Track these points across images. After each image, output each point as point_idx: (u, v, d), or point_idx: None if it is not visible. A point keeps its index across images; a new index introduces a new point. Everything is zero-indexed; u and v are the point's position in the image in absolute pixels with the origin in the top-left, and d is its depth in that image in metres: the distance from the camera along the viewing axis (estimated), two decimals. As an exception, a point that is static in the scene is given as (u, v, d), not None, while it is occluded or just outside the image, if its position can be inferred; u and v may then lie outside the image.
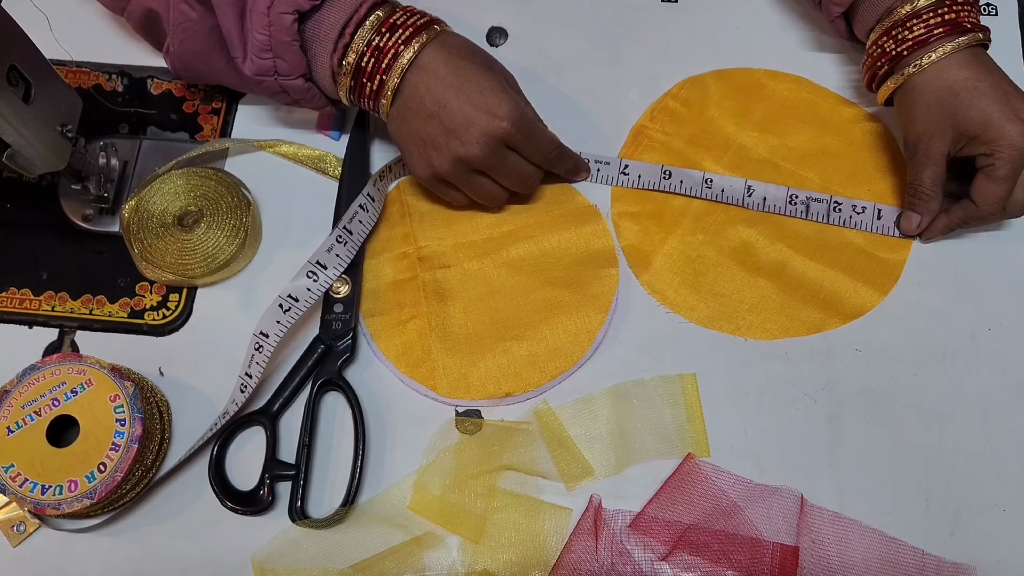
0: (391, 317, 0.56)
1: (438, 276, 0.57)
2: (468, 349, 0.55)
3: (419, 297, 0.56)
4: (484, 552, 0.51)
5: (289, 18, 0.50)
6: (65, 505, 0.48)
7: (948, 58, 0.52)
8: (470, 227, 0.59)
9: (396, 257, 0.58)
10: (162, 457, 0.53)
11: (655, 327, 0.57)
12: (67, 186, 0.58)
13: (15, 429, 0.49)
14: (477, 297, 0.57)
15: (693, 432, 0.53)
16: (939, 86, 0.53)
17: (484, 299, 0.57)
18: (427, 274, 0.57)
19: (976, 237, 0.59)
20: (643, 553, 0.50)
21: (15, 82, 0.48)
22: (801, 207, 0.59)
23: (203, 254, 0.56)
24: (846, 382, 0.55)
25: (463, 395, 0.54)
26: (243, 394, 0.52)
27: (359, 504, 0.52)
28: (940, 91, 0.53)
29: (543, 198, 0.60)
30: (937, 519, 0.52)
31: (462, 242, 0.58)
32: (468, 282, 0.57)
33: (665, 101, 0.63)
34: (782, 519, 0.51)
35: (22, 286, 0.58)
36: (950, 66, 0.52)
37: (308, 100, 0.55)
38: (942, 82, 0.53)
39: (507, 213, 0.59)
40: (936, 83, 0.53)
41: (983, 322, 0.56)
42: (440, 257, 0.58)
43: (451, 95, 0.51)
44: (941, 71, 0.53)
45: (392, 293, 0.57)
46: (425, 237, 0.58)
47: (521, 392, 0.54)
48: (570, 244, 0.58)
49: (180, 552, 0.52)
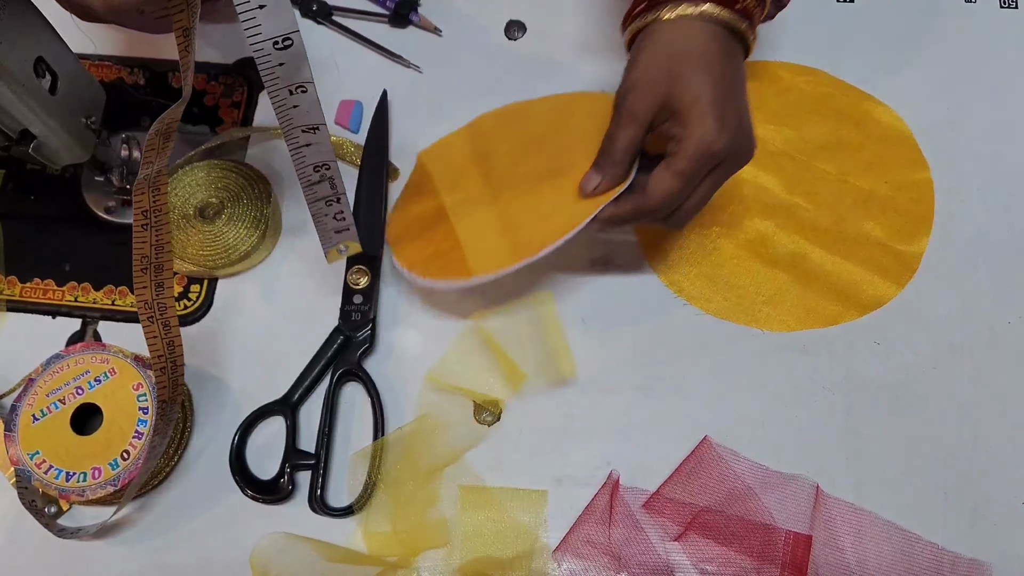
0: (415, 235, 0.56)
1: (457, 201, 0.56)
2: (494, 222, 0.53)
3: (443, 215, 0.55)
4: (467, 554, 0.51)
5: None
6: (89, 492, 0.49)
7: (702, 24, 0.47)
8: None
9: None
10: (184, 445, 0.54)
11: (671, 319, 0.57)
12: (90, 178, 0.59)
13: (40, 417, 0.50)
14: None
15: (553, 344, 0.55)
16: (677, 45, 0.47)
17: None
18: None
19: (994, 231, 0.58)
20: (656, 532, 0.51)
21: (42, 74, 0.48)
22: None
23: (224, 245, 0.57)
24: (864, 375, 0.55)
25: (496, 264, 0.51)
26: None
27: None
28: (675, 49, 0.47)
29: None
30: (956, 513, 0.52)
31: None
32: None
33: None
34: (796, 507, 0.52)
35: (46, 277, 0.58)
36: (700, 33, 0.47)
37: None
38: (681, 43, 0.47)
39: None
40: (676, 40, 0.47)
41: (1003, 315, 0.56)
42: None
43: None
44: (687, 30, 0.47)
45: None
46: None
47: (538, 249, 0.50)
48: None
49: (201, 540, 0.52)
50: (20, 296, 0.58)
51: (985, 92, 0.62)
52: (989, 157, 0.60)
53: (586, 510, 0.52)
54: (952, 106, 0.62)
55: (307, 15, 0.66)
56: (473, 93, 0.63)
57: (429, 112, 0.63)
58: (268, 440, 0.54)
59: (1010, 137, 0.61)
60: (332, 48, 0.65)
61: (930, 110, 0.62)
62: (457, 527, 0.52)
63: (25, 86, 0.46)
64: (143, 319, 0.47)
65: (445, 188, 0.57)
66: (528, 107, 0.59)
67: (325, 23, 0.66)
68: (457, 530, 0.52)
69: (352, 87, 0.63)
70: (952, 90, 0.62)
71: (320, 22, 0.66)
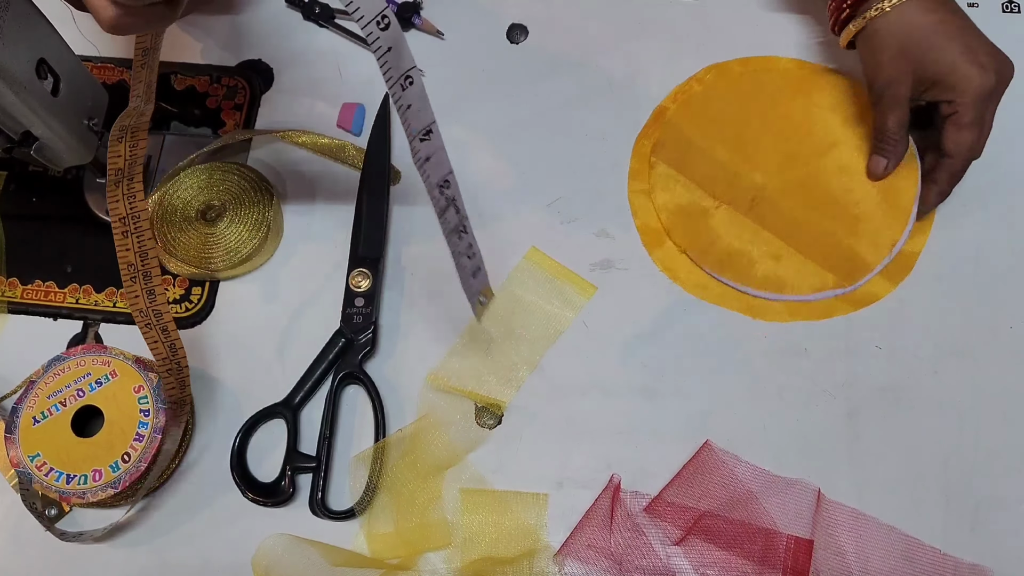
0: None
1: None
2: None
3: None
4: (468, 556, 0.51)
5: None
6: (90, 494, 0.49)
7: (910, 2, 0.52)
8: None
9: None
10: (185, 447, 0.54)
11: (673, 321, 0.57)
12: (92, 180, 0.59)
13: (41, 419, 0.50)
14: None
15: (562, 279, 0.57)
16: (900, 30, 0.53)
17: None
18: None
19: (994, 235, 0.58)
20: (657, 536, 0.51)
21: (44, 75, 0.48)
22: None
23: (225, 248, 0.57)
24: (866, 378, 0.55)
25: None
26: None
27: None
28: (902, 35, 0.53)
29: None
30: (957, 516, 0.52)
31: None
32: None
33: (690, 84, 0.63)
34: (797, 512, 0.51)
35: (47, 279, 0.58)
36: (912, 10, 0.52)
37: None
38: (904, 26, 0.53)
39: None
40: (897, 27, 0.53)
41: (1004, 319, 0.56)
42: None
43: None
44: (903, 14, 0.53)
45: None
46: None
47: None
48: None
49: (202, 542, 0.52)
50: (21, 298, 0.58)
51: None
52: (990, 161, 0.60)
53: (587, 514, 0.52)
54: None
55: (309, 18, 0.66)
56: (476, 97, 0.63)
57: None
58: (269, 442, 0.54)
59: (1011, 140, 0.61)
60: (335, 51, 0.65)
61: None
62: (458, 530, 0.52)
63: (27, 88, 0.46)
64: (141, 326, 0.47)
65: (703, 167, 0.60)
66: (767, 67, 0.64)
67: (327, 26, 0.66)
68: (458, 533, 0.51)
69: (354, 90, 0.64)
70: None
71: (323, 25, 0.66)
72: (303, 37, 0.65)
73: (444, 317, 0.57)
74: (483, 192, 0.60)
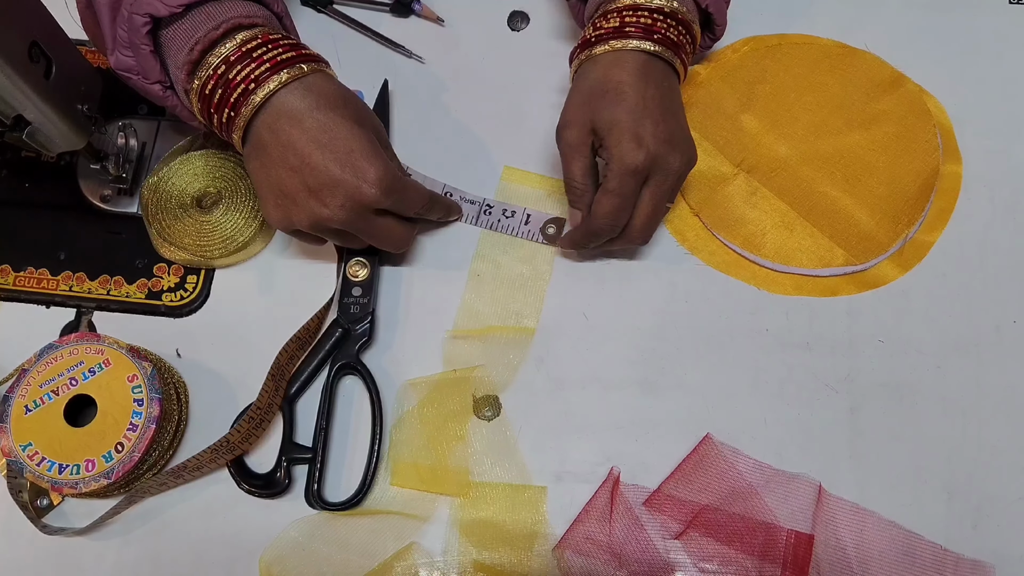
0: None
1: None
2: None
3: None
4: (466, 549, 0.51)
5: (140, 20, 0.46)
6: (83, 484, 0.48)
7: (628, 54, 0.50)
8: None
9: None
10: (179, 438, 0.53)
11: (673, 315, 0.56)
12: (86, 166, 0.58)
13: (33, 408, 0.49)
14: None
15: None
16: (596, 79, 0.51)
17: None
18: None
19: (1001, 229, 0.58)
20: (656, 530, 0.50)
21: (36, 59, 0.48)
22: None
23: (221, 236, 0.56)
24: (868, 373, 0.54)
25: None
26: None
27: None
28: (595, 84, 0.50)
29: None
30: (959, 513, 0.51)
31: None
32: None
33: (724, 52, 0.63)
34: (798, 506, 0.51)
35: (40, 266, 0.57)
36: (613, 63, 0.50)
37: (173, 109, 0.51)
38: (600, 76, 0.50)
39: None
40: (595, 75, 0.51)
41: (1008, 315, 0.56)
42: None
43: (315, 151, 0.46)
44: (607, 65, 0.50)
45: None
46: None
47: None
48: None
49: (196, 534, 0.52)
50: (13, 285, 0.57)
51: (995, 89, 0.62)
52: (997, 154, 0.60)
53: (586, 507, 0.51)
54: (960, 103, 0.61)
55: (307, 3, 0.65)
56: (475, 84, 0.63)
57: (431, 102, 0.62)
58: (265, 434, 0.54)
59: (1018, 134, 0.60)
60: (333, 37, 0.64)
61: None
62: (456, 523, 0.51)
63: (19, 70, 0.46)
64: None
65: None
66: (807, 41, 0.63)
67: (326, 11, 0.65)
68: (456, 526, 0.51)
69: (353, 77, 0.63)
70: (961, 87, 0.62)
71: (321, 10, 0.65)
72: (301, 22, 0.64)
73: (442, 308, 0.57)
74: (489, 176, 0.60)
